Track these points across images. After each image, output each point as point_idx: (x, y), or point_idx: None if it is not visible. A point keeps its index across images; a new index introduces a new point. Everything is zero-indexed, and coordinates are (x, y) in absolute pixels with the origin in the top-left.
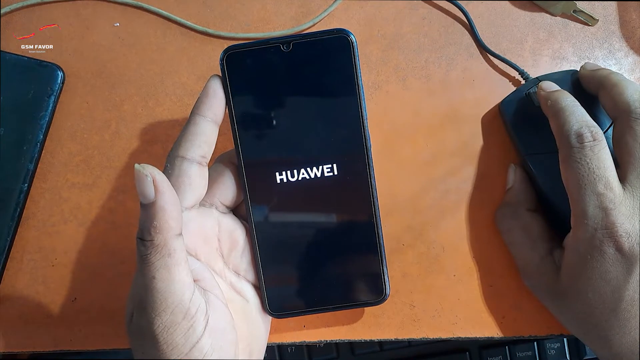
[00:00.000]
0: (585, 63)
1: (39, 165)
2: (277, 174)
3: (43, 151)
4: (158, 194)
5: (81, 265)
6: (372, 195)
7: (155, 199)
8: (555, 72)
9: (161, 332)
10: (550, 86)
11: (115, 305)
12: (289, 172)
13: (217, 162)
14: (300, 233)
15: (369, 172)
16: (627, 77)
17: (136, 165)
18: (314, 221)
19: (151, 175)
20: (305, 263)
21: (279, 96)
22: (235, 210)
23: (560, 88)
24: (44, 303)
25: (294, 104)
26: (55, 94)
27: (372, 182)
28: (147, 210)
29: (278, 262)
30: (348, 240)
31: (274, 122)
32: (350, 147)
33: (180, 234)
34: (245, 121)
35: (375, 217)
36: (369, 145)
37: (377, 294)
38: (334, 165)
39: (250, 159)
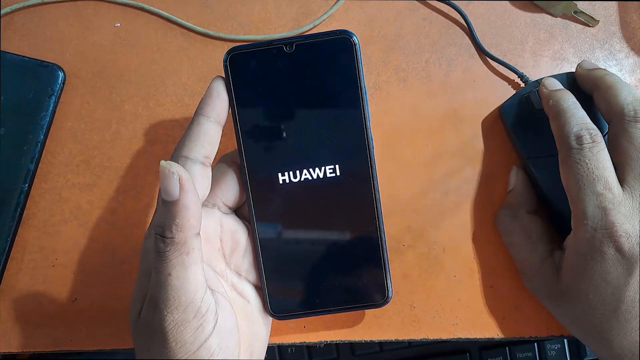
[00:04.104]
0: (582, 61)
1: (39, 165)
2: (279, 174)
3: (43, 151)
4: (183, 193)
5: (81, 265)
6: (375, 197)
7: (180, 197)
8: (554, 75)
9: (171, 330)
10: (553, 84)
11: (115, 305)
12: (291, 172)
13: (220, 163)
14: (303, 234)
15: (372, 173)
16: (627, 78)
17: (162, 163)
18: (317, 222)
19: (177, 173)
20: (307, 264)
21: (282, 97)
22: (238, 211)
23: (562, 87)
24: (44, 303)
25: (296, 105)
26: (55, 94)
27: (375, 183)
28: (169, 208)
29: (280, 264)
30: (350, 241)
31: (277, 123)
32: (353, 148)
33: (199, 234)
34: (248, 122)
35: (378, 219)
36: (371, 146)
37: (380, 296)
38: (336, 166)
39: (253, 159)
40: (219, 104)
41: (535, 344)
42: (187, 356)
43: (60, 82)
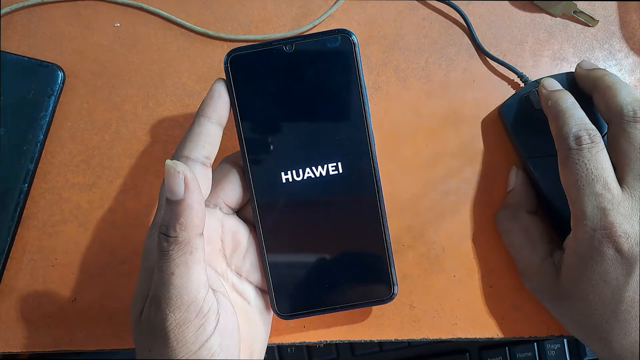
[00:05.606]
0: (582, 61)
1: (39, 165)
2: (282, 173)
3: (43, 151)
4: (187, 192)
5: (81, 265)
6: (378, 193)
7: (184, 197)
8: (553, 75)
9: (173, 329)
10: (552, 84)
11: (115, 305)
12: (294, 171)
13: (222, 164)
14: (307, 233)
15: (374, 170)
16: (627, 78)
17: (168, 162)
18: (321, 220)
19: (183, 172)
20: (312, 263)
21: (283, 97)
22: (239, 211)
23: (561, 87)
24: (44, 303)
25: (297, 104)
26: (55, 94)
27: (377, 179)
28: (174, 207)
29: (285, 263)
30: (355, 238)
31: (279, 122)
32: (355, 145)
33: (202, 234)
34: (250, 122)
35: (382, 214)
36: (372, 143)
37: (386, 291)
38: (339, 164)
39: (256, 159)
40: (220, 105)
41: (535, 343)
42: (188, 356)
43: (59, 82)
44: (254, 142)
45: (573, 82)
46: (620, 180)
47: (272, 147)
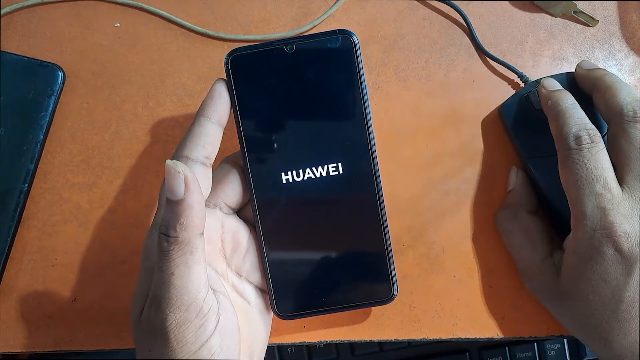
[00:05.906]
0: (582, 61)
1: (39, 165)
2: (282, 174)
3: (43, 151)
4: (188, 192)
5: (81, 265)
6: (378, 193)
7: (185, 197)
8: (553, 75)
9: (173, 329)
10: (552, 84)
11: (115, 305)
12: (294, 172)
13: (222, 164)
14: (307, 233)
15: (374, 170)
16: (627, 78)
17: (168, 162)
18: (321, 221)
19: (183, 172)
20: (312, 263)
21: (284, 97)
22: (239, 211)
23: (561, 87)
24: (44, 303)
25: (298, 104)
26: (55, 94)
27: (378, 180)
28: (174, 207)
29: (285, 263)
30: (355, 238)
31: (279, 123)
32: (355, 145)
33: (202, 233)
34: (250, 122)
35: (382, 215)
36: (373, 144)
37: (386, 292)
38: (339, 164)
39: (256, 159)
40: (221, 106)
41: (535, 343)
42: (188, 356)
43: (60, 82)
44: (254, 142)
45: (573, 82)
46: (620, 180)
47: (272, 148)
